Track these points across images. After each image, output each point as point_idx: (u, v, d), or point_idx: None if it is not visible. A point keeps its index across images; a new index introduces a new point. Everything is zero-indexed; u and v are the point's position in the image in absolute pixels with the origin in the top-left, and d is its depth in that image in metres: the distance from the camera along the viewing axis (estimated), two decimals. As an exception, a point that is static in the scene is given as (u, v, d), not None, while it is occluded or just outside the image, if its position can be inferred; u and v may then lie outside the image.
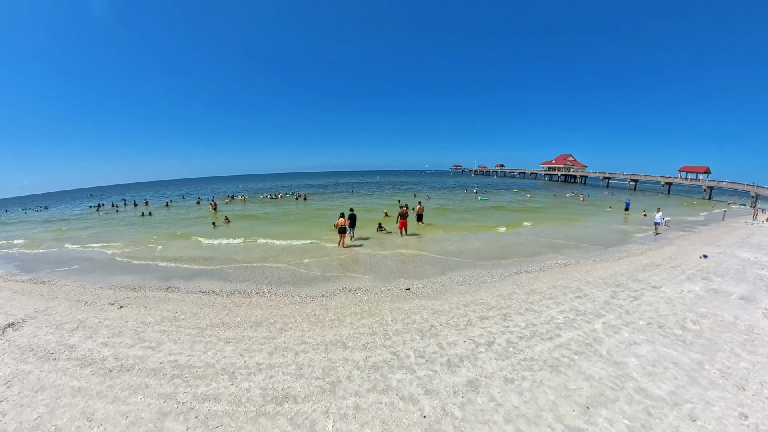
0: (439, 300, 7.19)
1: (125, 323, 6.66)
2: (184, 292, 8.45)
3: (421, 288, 8.10)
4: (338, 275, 9.42)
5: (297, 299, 7.41)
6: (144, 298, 8.22)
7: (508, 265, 9.70)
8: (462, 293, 7.65)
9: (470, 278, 8.80)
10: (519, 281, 8.11)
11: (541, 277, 8.44)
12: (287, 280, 8.99)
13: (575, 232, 15.39)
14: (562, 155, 72.05)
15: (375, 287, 8.28)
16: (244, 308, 6.96)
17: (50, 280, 10.41)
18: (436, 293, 7.70)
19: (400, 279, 8.97)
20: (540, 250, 11.47)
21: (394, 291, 7.94)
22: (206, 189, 64.73)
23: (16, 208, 41.62)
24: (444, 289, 8.04)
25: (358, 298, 7.38)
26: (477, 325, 5.88)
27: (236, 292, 8.14)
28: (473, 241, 13.46)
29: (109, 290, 9.11)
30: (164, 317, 6.79)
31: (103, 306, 7.84)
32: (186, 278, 9.73)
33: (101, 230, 19.68)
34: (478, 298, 7.18)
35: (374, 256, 11.40)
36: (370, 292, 7.92)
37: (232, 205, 30.83)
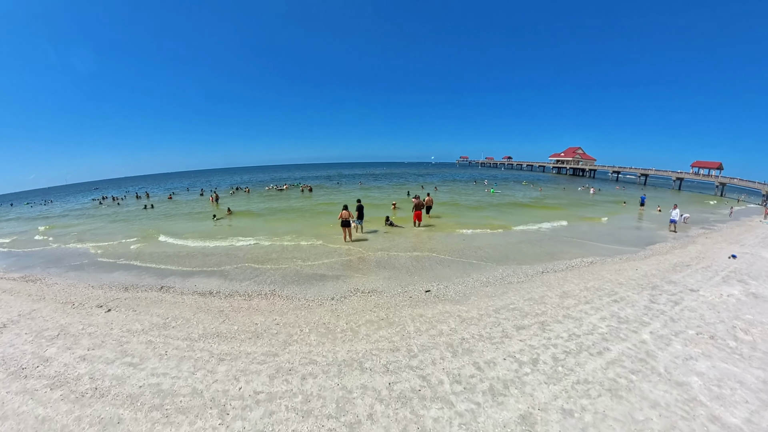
0: (464, 305, 6.33)
1: (110, 330, 5.95)
2: (179, 293, 7.70)
3: (443, 290, 7.21)
4: (348, 274, 8.55)
5: (303, 303, 6.57)
6: (135, 299, 7.51)
7: (532, 264, 8.95)
8: (489, 296, 6.80)
9: (494, 278, 7.96)
10: (548, 282, 7.41)
11: (569, 277, 7.76)
12: (292, 280, 8.16)
13: (594, 228, 14.77)
14: (571, 148, 70.61)
15: (390, 288, 7.40)
16: (242, 314, 6.15)
17: (42, 278, 9.84)
18: (461, 296, 6.84)
19: (417, 279, 8.09)
20: (562, 248, 10.73)
21: (413, 293, 7.06)
22: (211, 181, 64.44)
23: (22, 203, 41.77)
24: (468, 291, 7.15)
25: (373, 302, 6.51)
26: (514, 337, 5.01)
27: (235, 294, 7.35)
28: (491, 237, 12.58)
29: (100, 290, 8.47)
30: (153, 324, 6.03)
31: (89, 309, 7.16)
32: (182, 276, 9.01)
33: (100, 225, 19.21)
34: (508, 303, 6.35)
35: (386, 253, 10.54)
36: (385, 294, 7.04)
37: (235, 197, 30.15)
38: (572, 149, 70.26)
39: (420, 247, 11.23)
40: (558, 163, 71.82)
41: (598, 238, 12.43)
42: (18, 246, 14.89)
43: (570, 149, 70.90)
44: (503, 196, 27.82)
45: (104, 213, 24.80)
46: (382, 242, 11.88)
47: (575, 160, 67.04)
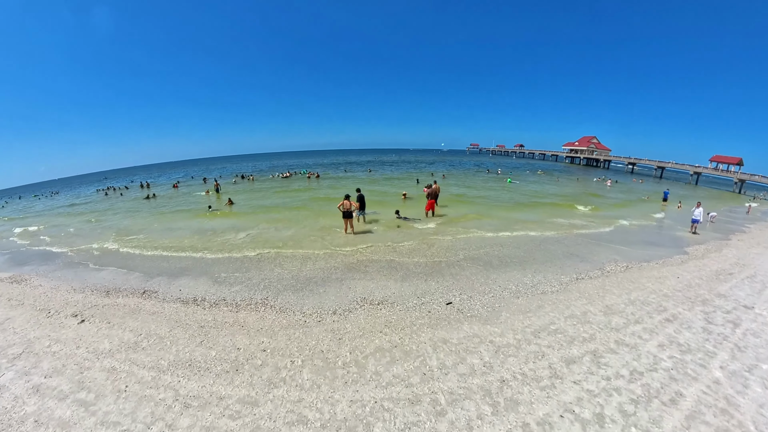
0: (496, 324, 5.28)
1: (75, 350, 5.25)
2: (161, 300, 6.94)
3: (467, 302, 6.15)
4: (354, 277, 7.55)
5: (299, 318, 5.62)
6: (113, 307, 6.82)
7: (563, 268, 8.09)
8: (523, 311, 5.76)
9: (524, 286, 6.94)
10: (585, 292, 6.62)
11: (608, 286, 7.00)
12: (288, 284, 7.22)
13: (621, 225, 13.80)
14: (586, 137, 69.18)
15: (403, 297, 6.37)
16: (225, 331, 5.25)
17: (29, 278, 9.35)
18: (489, 311, 5.78)
19: (434, 284, 7.03)
20: (590, 248, 9.95)
21: (431, 305, 6.02)
22: (218, 168, 64.36)
23: (30, 195, 42.65)
24: (496, 303, 6.09)
25: (384, 319, 5.49)
26: (566, 376, 3.95)
27: (221, 302, 6.48)
28: (512, 235, 11.48)
29: (81, 294, 7.87)
30: (123, 342, 5.26)
31: (63, 319, 6.53)
32: (170, 277, 8.27)
33: (99, 217, 18.86)
34: (547, 322, 5.43)
35: (397, 251, 9.50)
36: (398, 306, 6.01)
37: (238, 186, 29.46)
38: (587, 138, 68.87)
39: (435, 244, 10.17)
40: (571, 152, 70.23)
41: (625, 237, 11.62)
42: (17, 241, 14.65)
43: (584, 138, 69.61)
44: (522, 188, 26.11)
45: (106, 205, 24.63)
46: (392, 238, 10.86)
47: (590, 149, 65.81)
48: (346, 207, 10.70)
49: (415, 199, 18.52)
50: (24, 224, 18.96)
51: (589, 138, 68.27)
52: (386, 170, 41.17)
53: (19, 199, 38.41)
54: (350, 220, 11.11)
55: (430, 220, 13.45)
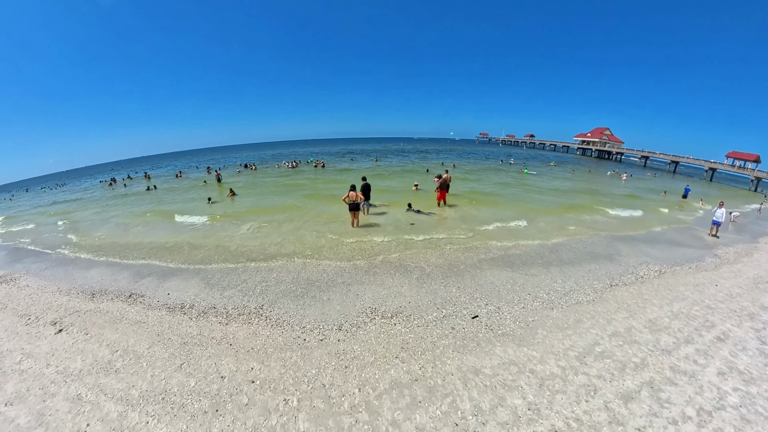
0: (533, 345, 4.52)
1: (45, 369, 4.70)
2: (147, 305, 6.34)
3: (495, 314, 5.36)
4: (362, 281, 6.76)
5: (298, 336, 4.86)
6: (95, 313, 6.30)
7: (593, 271, 7.47)
8: (560, 327, 5.12)
9: (556, 294, 6.27)
10: (623, 302, 6.04)
11: (645, 294, 6.46)
12: (287, 289, 6.48)
13: (641, 222, 13.05)
14: (599, 128, 68.93)
15: (420, 308, 5.56)
16: (210, 351, 4.55)
17: (18, 277, 8.98)
18: (523, 327, 4.99)
19: (454, 290, 6.23)
20: (616, 247, 9.35)
21: (454, 319, 5.21)
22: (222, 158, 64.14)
23: (36, 187, 43.34)
24: (529, 316, 5.32)
25: (399, 339, 4.68)
26: (628, 422, 3.32)
27: (211, 311, 5.80)
28: (533, 231, 10.70)
29: (66, 296, 7.40)
30: (96, 361, 4.66)
31: (42, 327, 6.05)
32: (159, 277, 7.70)
33: (98, 210, 18.63)
34: (590, 342, 4.77)
35: (409, 249, 8.66)
36: (415, 320, 5.20)
37: (241, 176, 28.86)
38: (599, 130, 68.55)
39: (451, 242, 9.30)
40: (583, 143, 69.78)
41: (648, 236, 10.98)
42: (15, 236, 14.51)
43: (597, 129, 69.24)
44: (538, 180, 24.62)
45: (107, 197, 24.46)
46: (404, 234, 10.01)
47: (602, 141, 65.70)
48: (353, 199, 9.93)
49: (427, 191, 17.59)
50: (23, 218, 18.93)
51: (602, 129, 67.92)
52: (393, 160, 39.89)
53: (26, 192, 39.06)
54: (357, 212, 10.36)
55: (444, 213, 12.78)
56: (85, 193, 27.56)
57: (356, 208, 10.15)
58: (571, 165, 40.17)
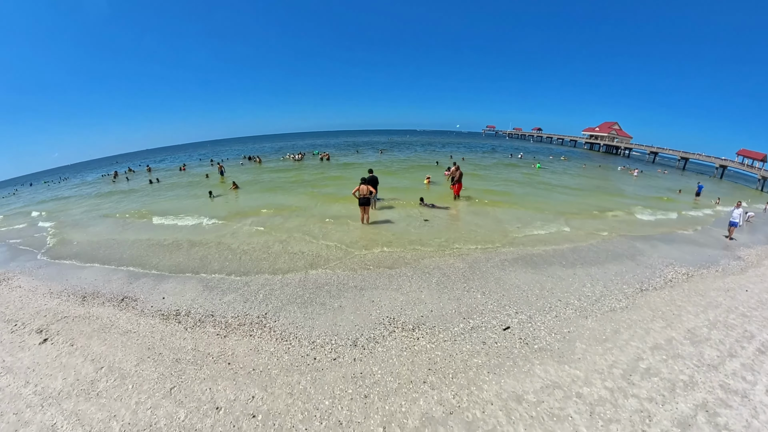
0: (573, 361, 4.11)
1: (23, 388, 4.28)
2: (139, 311, 5.84)
3: (527, 323, 4.86)
4: (377, 284, 6.14)
5: (307, 352, 4.25)
6: (84, 320, 5.83)
7: (620, 274, 7.10)
8: (598, 339, 4.68)
9: (587, 299, 5.85)
10: (658, 310, 5.69)
11: (677, 300, 6.13)
12: (294, 293, 5.89)
13: (657, 220, 12.67)
14: (607, 123, 68.69)
15: (445, 317, 4.96)
16: (206, 371, 3.98)
17: (12, 276, 8.65)
18: (559, 340, 4.53)
19: (479, 296, 5.69)
20: (637, 247, 8.90)
21: (484, 331, 4.65)
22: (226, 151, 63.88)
23: (40, 182, 43.59)
24: (564, 326, 4.85)
25: (426, 357, 4.08)
26: None
27: (208, 319, 5.24)
28: (552, 229, 10.16)
29: (57, 298, 6.98)
30: (78, 380, 4.17)
31: (27, 336, 5.64)
32: (156, 278, 7.25)
33: (96, 205, 18.27)
34: (633, 356, 4.36)
35: (425, 247, 8.09)
36: (441, 332, 4.59)
37: (245, 168, 28.34)
38: (608, 124, 68.23)
39: (470, 239, 8.71)
40: (591, 138, 69.72)
41: (666, 236, 10.52)
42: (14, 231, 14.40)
43: (605, 124, 68.91)
44: (550, 176, 23.62)
45: (109, 190, 24.21)
46: (417, 231, 9.41)
47: (610, 136, 65.37)
48: (363, 193, 9.27)
49: (439, 184, 16.98)
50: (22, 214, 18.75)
51: (611, 124, 67.31)
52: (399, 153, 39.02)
53: (30, 186, 39.24)
54: (368, 207, 9.74)
55: (458, 208, 12.19)
56: (85, 188, 27.38)
57: (366, 203, 9.51)
58: (580, 160, 39.72)
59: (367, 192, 9.27)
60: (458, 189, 12.90)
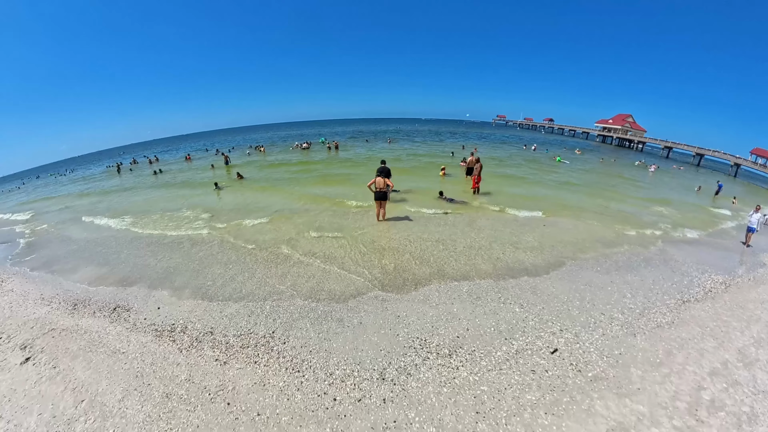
0: (634, 394, 3.67)
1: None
2: (131, 324, 5.29)
3: (575, 345, 4.26)
4: (401, 296, 5.39)
5: (323, 387, 3.53)
6: (72, 333, 5.37)
7: (658, 282, 6.48)
8: (652, 363, 4.10)
9: (631, 313, 5.25)
10: (705, 325, 5.17)
11: (722, 315, 5.62)
12: (305, 308, 5.18)
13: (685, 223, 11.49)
14: (621, 115, 67.14)
15: (483, 336, 4.32)
16: (199, 416, 3.35)
17: (6, 279, 8.39)
18: (612, 364, 4.00)
19: (516, 308, 5.03)
20: (666, 251, 8.20)
21: (530, 355, 4.05)
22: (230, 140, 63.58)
23: (47, 174, 44.20)
24: (614, 348, 4.30)
25: (470, 394, 3.37)
26: None
27: (207, 338, 4.61)
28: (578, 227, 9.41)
29: (48, 305, 6.57)
30: (55, 416, 3.72)
31: (9, 353, 5.27)
32: (152, 282, 6.70)
33: (99, 197, 17.94)
34: (692, 384, 3.82)
35: (448, 249, 7.30)
36: (482, 358, 3.94)
37: (251, 158, 27.71)
38: (622, 116, 66.60)
39: (495, 239, 7.93)
40: (604, 130, 68.20)
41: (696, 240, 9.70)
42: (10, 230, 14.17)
43: (619, 116, 67.25)
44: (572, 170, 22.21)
45: (112, 183, 24.02)
46: (439, 229, 8.61)
47: (624, 129, 63.83)
48: (380, 186, 8.42)
49: (455, 176, 16.07)
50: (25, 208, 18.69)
51: (625, 116, 65.65)
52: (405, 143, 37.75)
53: (36, 179, 39.73)
54: (384, 203, 8.89)
55: (477, 203, 11.38)
56: (89, 181, 27.29)
57: (383, 198, 8.65)
58: (594, 153, 38.65)
59: (384, 185, 8.43)
60: (477, 182, 12.26)
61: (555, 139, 59.77)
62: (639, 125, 66.05)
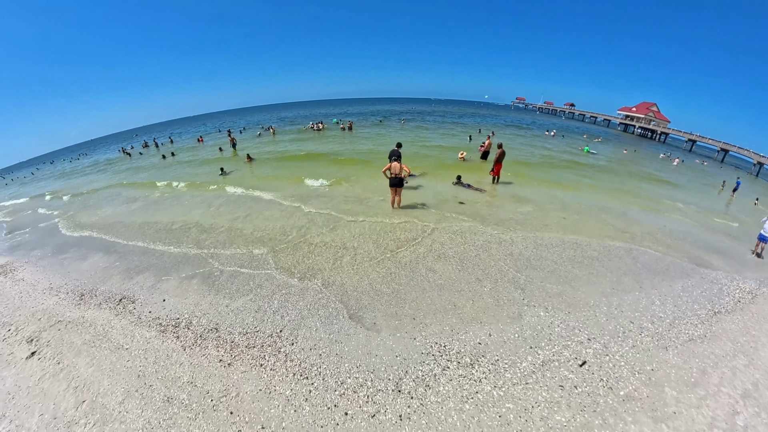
0: (670, 419, 3.36)
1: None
2: (136, 318, 5.26)
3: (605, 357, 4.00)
4: (416, 292, 5.08)
5: (334, 398, 3.32)
6: (77, 326, 5.41)
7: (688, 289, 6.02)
8: (688, 384, 3.75)
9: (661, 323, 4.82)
10: (735, 339, 4.76)
11: (752, 329, 5.09)
12: (315, 304, 4.98)
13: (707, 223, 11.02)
14: (645, 103, 65.58)
15: (507, 346, 4.06)
16: (199, 425, 3.19)
17: (17, 267, 8.59)
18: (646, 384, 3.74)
19: (541, 312, 4.67)
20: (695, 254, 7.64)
21: (558, 368, 3.73)
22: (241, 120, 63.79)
23: (61, 159, 45.83)
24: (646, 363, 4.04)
25: (494, 412, 3.14)
26: None
27: (211, 335, 4.49)
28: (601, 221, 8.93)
29: (55, 296, 6.69)
30: (55, 418, 3.70)
31: (16, 346, 5.32)
32: (158, 272, 6.70)
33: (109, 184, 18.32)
34: (727, 409, 3.50)
35: (466, 243, 6.88)
36: (506, 369, 3.63)
37: (261, 140, 27.60)
38: (646, 105, 65.26)
39: (515, 230, 7.63)
40: (626, 119, 67.16)
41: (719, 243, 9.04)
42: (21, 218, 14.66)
43: (643, 104, 65.83)
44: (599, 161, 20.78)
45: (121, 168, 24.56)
46: (457, 219, 8.21)
47: (647, 118, 62.50)
48: (395, 171, 8.04)
49: (473, 162, 15.55)
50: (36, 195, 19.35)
51: (649, 105, 64.26)
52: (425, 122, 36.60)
53: (51, 164, 41.31)
54: (400, 189, 8.52)
55: (497, 192, 11.00)
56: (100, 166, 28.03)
57: (399, 184, 8.26)
58: (615, 142, 37.14)
59: (400, 170, 8.04)
60: (498, 170, 11.80)
61: (576, 125, 58.15)
62: (663, 115, 64.77)
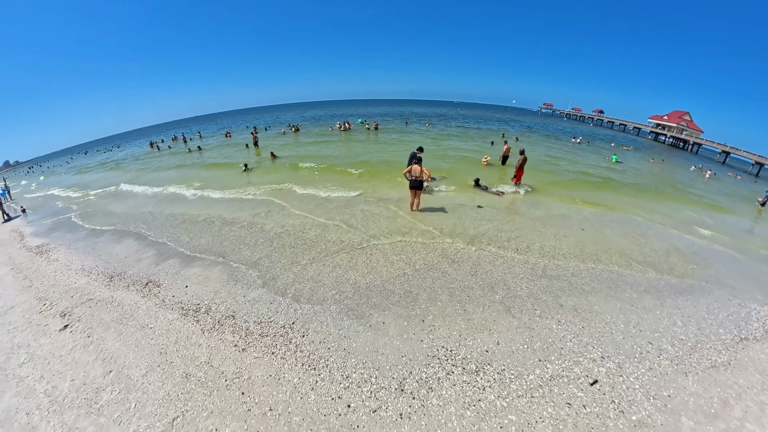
0: None
1: (36, 384, 4.27)
2: (160, 301, 5.72)
3: (618, 378, 3.89)
4: (428, 294, 5.22)
5: (338, 390, 3.51)
6: (106, 305, 5.91)
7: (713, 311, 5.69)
8: (708, 415, 3.55)
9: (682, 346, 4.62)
10: (764, 370, 4.44)
11: None
12: (327, 300, 5.20)
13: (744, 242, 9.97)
14: (677, 111, 64.80)
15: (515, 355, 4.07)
16: (215, 401, 3.49)
17: (53, 248, 9.43)
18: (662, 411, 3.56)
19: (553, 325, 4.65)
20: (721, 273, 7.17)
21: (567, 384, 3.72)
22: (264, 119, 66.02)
23: (94, 149, 49.10)
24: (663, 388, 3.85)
25: (496, 423, 3.15)
26: None
27: (228, 321, 4.83)
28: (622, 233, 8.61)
29: (87, 276, 7.34)
30: (86, 384, 4.11)
31: (51, 319, 5.86)
32: (183, 260, 7.16)
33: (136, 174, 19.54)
34: None
35: (482, 250, 6.99)
36: (512, 380, 3.70)
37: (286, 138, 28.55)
38: (678, 113, 64.53)
39: (533, 241, 7.54)
40: (657, 127, 66.07)
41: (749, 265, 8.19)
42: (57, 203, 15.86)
43: (675, 113, 65.13)
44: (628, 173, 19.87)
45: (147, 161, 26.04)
46: (475, 224, 8.30)
47: (679, 127, 61.55)
48: (416, 174, 8.26)
49: (495, 166, 15.65)
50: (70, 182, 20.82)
51: (681, 113, 63.56)
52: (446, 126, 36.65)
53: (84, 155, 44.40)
54: (419, 192, 8.74)
55: (517, 198, 11.15)
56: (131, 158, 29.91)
57: (419, 187, 8.49)
58: (645, 152, 35.65)
59: (420, 173, 8.26)
60: (520, 177, 12.01)
61: (604, 133, 56.90)
62: (696, 125, 63.05)
